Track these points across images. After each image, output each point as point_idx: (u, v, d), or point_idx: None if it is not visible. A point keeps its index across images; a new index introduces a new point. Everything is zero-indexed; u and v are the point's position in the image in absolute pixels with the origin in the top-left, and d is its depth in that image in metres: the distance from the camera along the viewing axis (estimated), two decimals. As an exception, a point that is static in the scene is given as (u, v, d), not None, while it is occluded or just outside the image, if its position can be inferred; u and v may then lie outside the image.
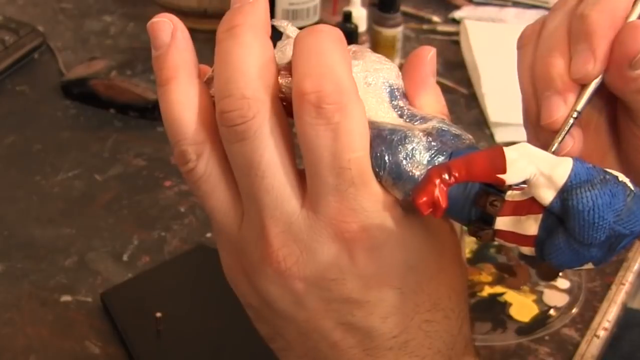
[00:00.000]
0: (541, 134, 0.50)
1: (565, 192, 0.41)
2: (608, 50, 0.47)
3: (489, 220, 0.43)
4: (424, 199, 0.41)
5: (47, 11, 1.21)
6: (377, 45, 1.09)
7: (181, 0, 1.14)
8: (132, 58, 1.04)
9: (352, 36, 1.02)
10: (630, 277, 0.83)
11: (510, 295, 0.79)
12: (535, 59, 0.49)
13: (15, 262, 0.82)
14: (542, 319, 0.77)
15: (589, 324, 0.78)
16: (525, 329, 0.76)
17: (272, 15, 1.06)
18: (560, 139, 0.47)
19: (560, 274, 0.82)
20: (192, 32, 0.53)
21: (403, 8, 1.15)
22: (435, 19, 1.24)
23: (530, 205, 0.42)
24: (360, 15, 1.06)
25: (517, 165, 0.41)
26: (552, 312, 0.78)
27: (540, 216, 0.42)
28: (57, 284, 0.80)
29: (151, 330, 0.75)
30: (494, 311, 0.78)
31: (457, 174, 0.41)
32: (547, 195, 0.41)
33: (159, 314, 0.74)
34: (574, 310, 0.78)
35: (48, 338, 0.75)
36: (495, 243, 0.50)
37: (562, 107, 0.47)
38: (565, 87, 0.47)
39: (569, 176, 0.41)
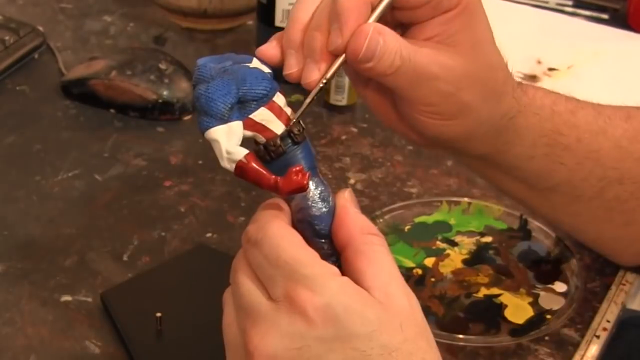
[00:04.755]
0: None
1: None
2: (351, 33, 0.56)
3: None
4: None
5: (47, 11, 1.21)
6: (377, 45, 1.09)
7: (181, 0, 1.14)
8: (132, 58, 1.04)
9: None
10: (629, 277, 0.83)
11: (506, 297, 0.79)
12: (308, 30, 0.59)
13: (15, 262, 0.82)
14: (536, 322, 0.77)
15: (589, 324, 0.78)
16: (519, 331, 0.76)
17: (273, 15, 1.06)
18: (310, 98, 0.58)
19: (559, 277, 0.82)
20: (192, 32, 0.54)
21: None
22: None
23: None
24: (360, 16, 1.06)
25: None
26: (547, 315, 0.78)
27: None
28: (57, 284, 0.80)
29: (151, 330, 0.75)
30: (488, 312, 0.78)
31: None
32: None
33: (159, 314, 0.74)
34: (573, 308, 0.78)
35: (48, 338, 0.75)
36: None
37: (316, 73, 0.57)
38: (321, 58, 0.57)
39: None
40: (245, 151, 0.54)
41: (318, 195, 0.56)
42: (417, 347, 0.53)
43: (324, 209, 0.57)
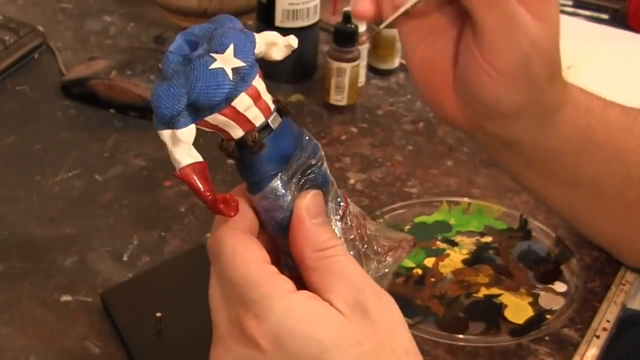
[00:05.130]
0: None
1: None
2: None
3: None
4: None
5: (47, 11, 1.21)
6: (377, 45, 1.10)
7: (181, 0, 1.14)
8: (132, 58, 1.04)
9: (352, 36, 1.02)
10: (629, 277, 0.83)
11: (506, 297, 0.79)
12: None
13: (15, 262, 0.82)
14: (536, 322, 0.77)
15: (589, 324, 0.78)
16: (518, 331, 0.76)
17: (273, 15, 1.06)
18: (392, 18, 0.60)
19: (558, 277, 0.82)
20: (192, 32, 0.54)
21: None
22: (435, 19, 1.24)
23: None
24: (360, 16, 1.06)
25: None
26: (547, 315, 0.78)
27: None
28: (57, 284, 0.80)
29: (151, 330, 0.75)
30: (488, 312, 0.78)
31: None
32: None
33: (159, 314, 0.74)
34: (573, 308, 0.78)
35: (48, 338, 0.75)
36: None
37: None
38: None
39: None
40: (187, 161, 0.53)
41: (274, 204, 0.54)
42: (377, 358, 0.52)
43: (281, 217, 0.54)
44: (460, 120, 0.67)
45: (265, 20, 1.06)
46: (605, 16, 1.26)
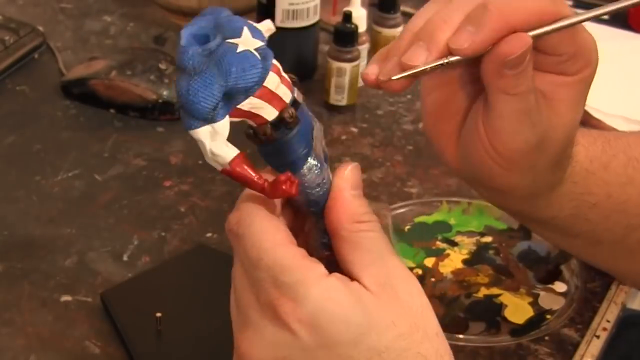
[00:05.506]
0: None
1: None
2: (486, 43, 0.54)
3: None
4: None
5: (47, 11, 1.21)
6: (377, 45, 1.10)
7: (181, 0, 1.14)
8: (132, 58, 1.04)
9: (352, 36, 1.02)
10: (629, 277, 0.83)
11: (506, 297, 0.79)
12: (433, 16, 0.56)
13: (15, 262, 0.82)
14: (536, 322, 0.77)
15: (589, 324, 0.78)
16: (519, 331, 0.76)
17: (273, 15, 1.06)
18: (412, 72, 0.54)
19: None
20: (192, 32, 0.53)
21: (403, 8, 1.15)
22: (435, 19, 1.24)
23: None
24: (360, 16, 1.06)
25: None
26: (547, 315, 0.78)
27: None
28: (57, 284, 0.80)
29: (151, 330, 0.75)
30: (488, 312, 0.78)
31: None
32: None
33: (159, 314, 0.74)
34: (573, 308, 0.78)
35: (48, 338, 0.75)
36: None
37: (422, 57, 0.54)
38: (437, 48, 0.54)
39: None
40: (232, 154, 0.51)
41: (312, 180, 0.54)
42: (411, 340, 0.52)
43: (319, 192, 0.54)
44: (456, 170, 0.65)
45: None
46: (605, 16, 1.26)
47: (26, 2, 1.22)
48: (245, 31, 0.50)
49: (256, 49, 0.49)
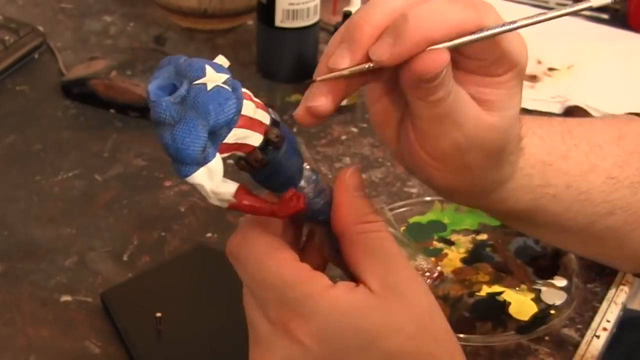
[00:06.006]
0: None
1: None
2: (404, 56, 0.52)
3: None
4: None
5: (47, 11, 1.21)
6: (377, 45, 1.09)
7: (181, 0, 1.14)
8: (132, 58, 1.04)
9: (352, 36, 1.02)
10: (629, 277, 0.83)
11: (508, 294, 0.80)
12: (355, 16, 0.54)
13: (15, 262, 0.82)
14: (541, 317, 0.77)
15: (589, 324, 0.78)
16: (525, 328, 0.76)
17: (273, 15, 1.06)
18: (333, 75, 0.54)
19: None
20: (192, 32, 0.53)
21: (403, 8, 1.15)
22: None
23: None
24: (360, 16, 1.06)
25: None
26: (551, 310, 0.78)
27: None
28: (57, 284, 0.80)
29: (151, 330, 0.75)
30: (493, 310, 0.78)
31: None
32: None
33: (159, 314, 0.74)
34: (573, 308, 0.78)
35: (48, 338, 0.75)
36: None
37: (346, 60, 0.53)
38: (359, 50, 0.53)
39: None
40: (233, 188, 0.51)
41: (313, 190, 0.55)
42: (421, 342, 0.52)
43: (322, 201, 0.55)
44: (405, 168, 0.64)
45: (265, 20, 1.06)
46: (605, 16, 1.26)
47: (26, 2, 1.22)
48: (208, 69, 0.50)
49: (224, 82, 0.50)
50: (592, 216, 0.68)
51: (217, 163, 0.50)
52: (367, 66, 0.53)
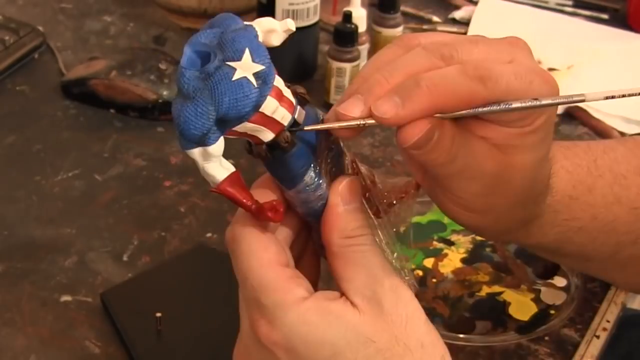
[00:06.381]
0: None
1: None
2: (407, 119, 0.51)
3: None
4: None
5: (47, 11, 1.21)
6: (377, 45, 1.10)
7: (181, 0, 1.14)
8: (132, 58, 1.04)
9: (352, 36, 1.02)
10: (629, 277, 0.83)
11: (508, 294, 0.80)
12: (376, 72, 0.53)
13: (15, 262, 0.82)
14: (541, 317, 0.77)
15: (589, 324, 0.78)
16: (525, 328, 0.76)
17: (273, 15, 1.06)
18: (337, 125, 0.52)
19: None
20: (192, 32, 0.53)
21: (403, 8, 1.15)
22: (435, 19, 1.24)
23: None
24: (360, 16, 1.06)
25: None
26: (551, 310, 0.78)
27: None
28: (57, 284, 0.80)
29: (151, 330, 0.75)
30: (493, 310, 0.78)
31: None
32: None
33: (159, 314, 0.75)
34: (573, 308, 0.78)
35: (48, 338, 0.75)
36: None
37: (357, 111, 0.52)
38: (372, 100, 0.52)
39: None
40: (223, 175, 0.51)
41: (312, 194, 0.55)
42: (391, 355, 0.52)
43: (318, 205, 0.55)
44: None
45: (265, 20, 1.06)
46: (605, 16, 1.26)
47: (26, 2, 1.22)
48: (246, 55, 0.49)
49: (255, 74, 0.49)
50: (616, 246, 0.69)
51: (216, 147, 0.50)
52: (362, 122, 0.52)
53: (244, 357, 0.56)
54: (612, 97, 0.52)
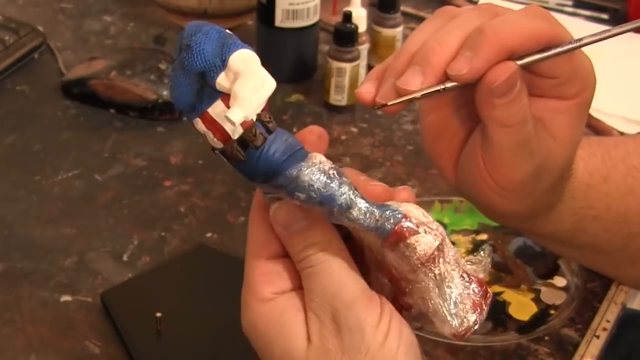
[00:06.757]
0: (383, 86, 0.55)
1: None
2: (484, 68, 0.53)
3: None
4: None
5: (47, 11, 1.21)
6: (377, 45, 1.10)
7: (181, 0, 1.14)
8: (132, 58, 1.04)
9: (352, 36, 1.02)
10: (629, 277, 0.83)
11: (508, 294, 0.80)
12: (429, 38, 0.54)
13: (15, 262, 0.82)
14: (541, 317, 0.77)
15: (589, 324, 0.78)
16: (525, 328, 0.76)
17: (273, 15, 1.06)
18: (406, 98, 0.53)
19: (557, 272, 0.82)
20: (192, 32, 0.53)
21: (403, 8, 1.15)
22: (435, 19, 1.24)
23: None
24: (360, 16, 1.06)
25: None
26: (551, 310, 0.78)
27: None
28: (57, 284, 0.80)
29: (151, 330, 0.75)
30: (493, 310, 0.78)
31: None
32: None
33: (159, 314, 0.75)
34: (573, 308, 0.78)
35: (48, 338, 0.75)
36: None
37: (418, 82, 0.53)
38: (432, 72, 0.53)
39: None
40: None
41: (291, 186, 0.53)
42: None
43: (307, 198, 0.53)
44: (455, 189, 0.64)
45: (265, 20, 1.06)
46: (605, 16, 1.26)
47: (26, 2, 1.22)
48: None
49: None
50: (627, 237, 0.69)
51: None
52: (442, 87, 0.53)
53: None
54: None
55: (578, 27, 1.24)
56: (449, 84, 0.53)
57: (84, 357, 0.74)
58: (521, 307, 0.78)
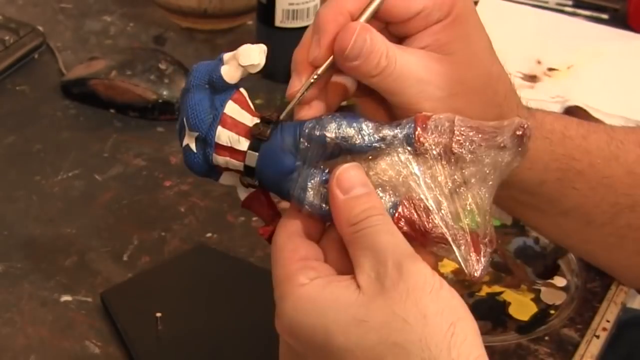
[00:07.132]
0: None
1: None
2: (331, 41, 0.58)
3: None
4: None
5: (47, 11, 1.21)
6: (377, 45, 1.09)
7: (181, 0, 1.14)
8: (132, 58, 1.04)
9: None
10: (629, 277, 0.83)
11: (508, 294, 0.80)
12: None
13: (15, 262, 0.82)
14: (541, 317, 0.77)
15: (589, 324, 0.78)
16: (525, 328, 0.76)
17: (272, 15, 1.06)
18: (292, 104, 0.61)
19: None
20: (192, 32, 0.53)
21: (403, 8, 1.15)
22: (435, 19, 1.24)
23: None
24: (360, 16, 1.06)
25: None
26: (551, 310, 0.78)
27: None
28: (57, 284, 0.80)
29: (151, 330, 0.75)
30: (493, 310, 0.78)
31: None
32: None
33: (159, 314, 0.75)
34: (573, 308, 0.78)
35: (48, 338, 0.75)
36: None
37: (297, 84, 0.61)
38: (302, 69, 0.61)
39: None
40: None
41: (315, 201, 0.57)
42: (386, 332, 0.52)
43: (325, 209, 0.57)
44: None
45: (265, 20, 1.06)
46: (605, 16, 1.26)
47: (26, 2, 1.22)
48: (186, 123, 0.60)
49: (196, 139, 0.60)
50: (615, 206, 0.70)
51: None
52: (313, 77, 0.59)
53: (280, 349, 0.58)
54: None
55: (578, 27, 1.25)
56: (318, 71, 0.59)
57: (84, 357, 0.74)
58: (521, 307, 0.78)
